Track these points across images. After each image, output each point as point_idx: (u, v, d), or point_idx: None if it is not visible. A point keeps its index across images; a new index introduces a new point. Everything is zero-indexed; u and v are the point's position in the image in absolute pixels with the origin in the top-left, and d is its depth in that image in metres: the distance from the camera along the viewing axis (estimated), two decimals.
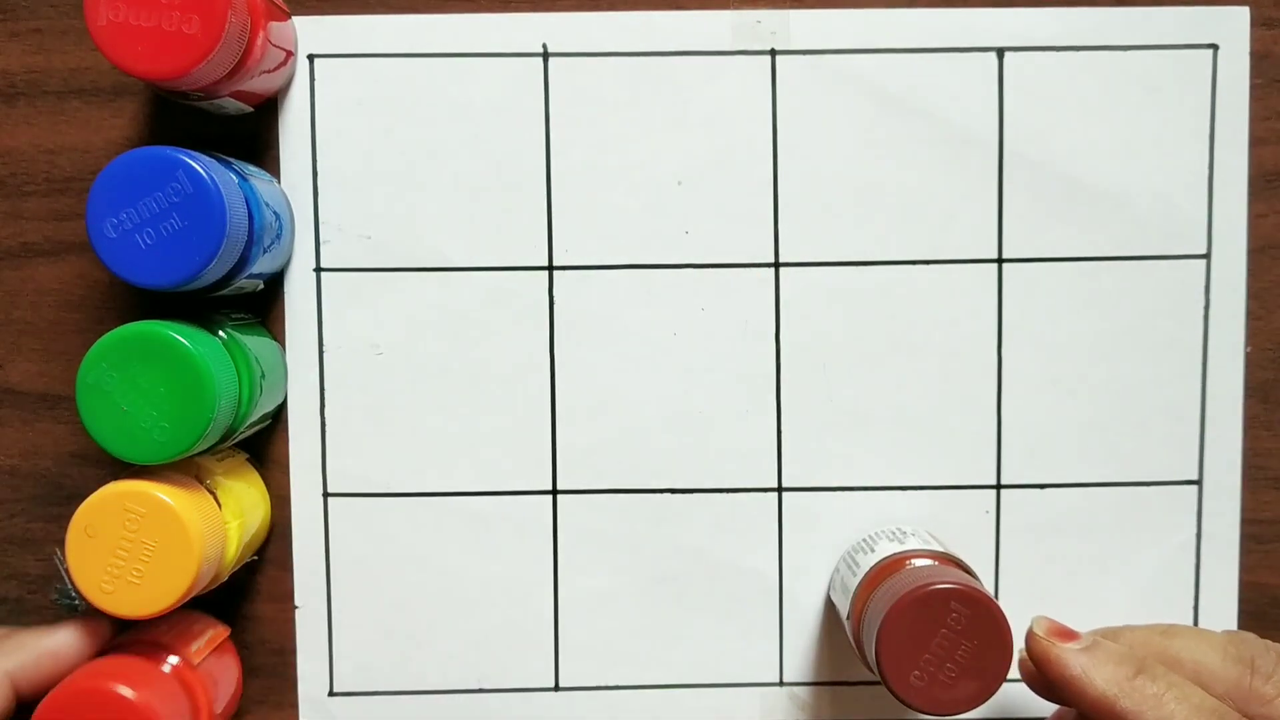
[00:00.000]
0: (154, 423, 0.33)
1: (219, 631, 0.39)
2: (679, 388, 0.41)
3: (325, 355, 0.41)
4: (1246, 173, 0.40)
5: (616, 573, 0.41)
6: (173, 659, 0.36)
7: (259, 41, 0.36)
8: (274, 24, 0.37)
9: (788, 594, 0.41)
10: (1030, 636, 0.35)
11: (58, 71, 0.40)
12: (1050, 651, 0.34)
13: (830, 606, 0.41)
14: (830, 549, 0.41)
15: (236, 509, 0.37)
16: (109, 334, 0.34)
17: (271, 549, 0.41)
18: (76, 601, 0.41)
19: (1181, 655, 0.35)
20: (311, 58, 0.40)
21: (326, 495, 0.41)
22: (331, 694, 0.41)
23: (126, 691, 0.34)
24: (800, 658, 0.41)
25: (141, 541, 0.34)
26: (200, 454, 0.37)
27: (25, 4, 0.40)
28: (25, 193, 0.40)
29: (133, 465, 0.35)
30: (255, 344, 0.38)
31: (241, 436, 0.38)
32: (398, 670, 0.41)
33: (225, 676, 0.39)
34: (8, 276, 0.40)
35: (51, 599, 0.41)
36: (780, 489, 0.41)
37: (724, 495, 0.41)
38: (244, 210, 0.35)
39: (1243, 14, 0.40)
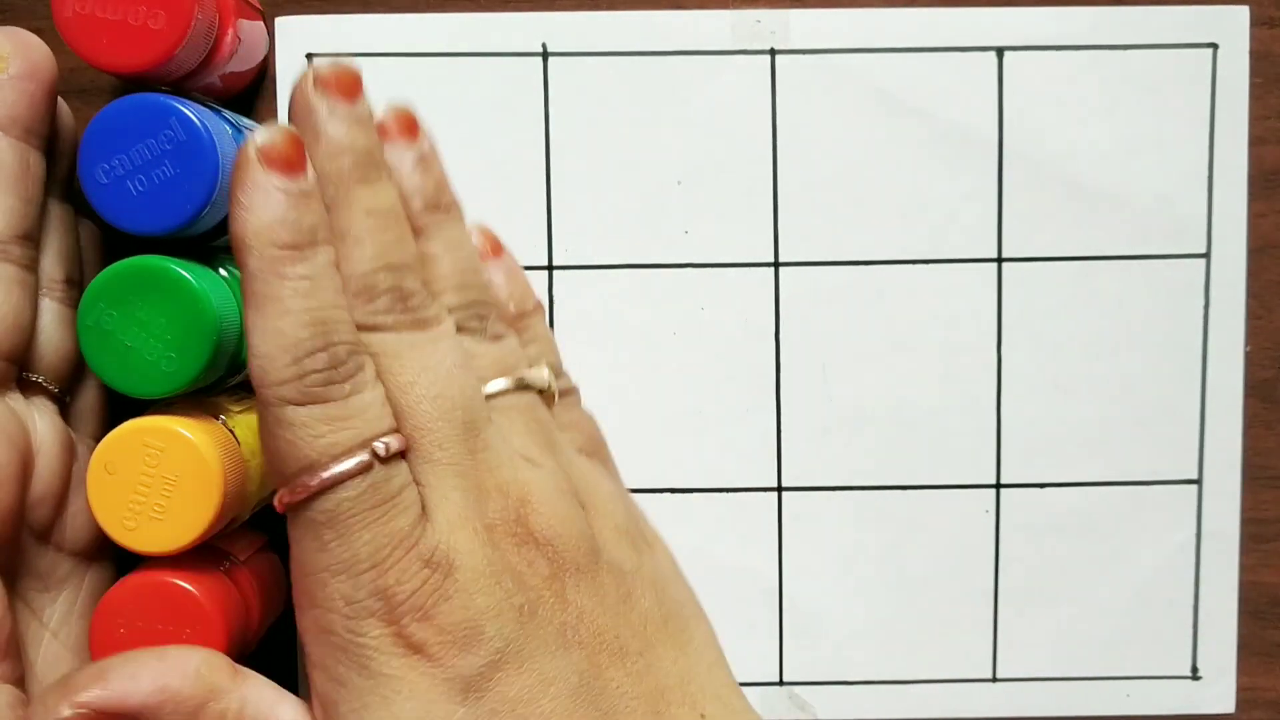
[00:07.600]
0: (160, 354, 0.33)
1: (257, 537, 0.40)
2: (679, 388, 0.41)
3: None
4: (1246, 172, 0.40)
5: None
6: (224, 561, 0.37)
7: (227, 39, 0.36)
8: (244, 21, 0.37)
9: (787, 594, 0.41)
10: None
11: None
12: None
13: (828, 604, 0.41)
14: (830, 549, 0.41)
15: (257, 447, 0.37)
16: (102, 273, 0.33)
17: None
18: None
19: None
20: (310, 57, 0.40)
21: None
22: None
23: (188, 585, 0.34)
24: (800, 658, 0.41)
25: (162, 476, 0.33)
26: (217, 394, 0.37)
27: (25, 4, 0.40)
28: None
29: (150, 404, 0.34)
30: None
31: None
32: None
33: (272, 577, 0.39)
34: None
35: None
36: (780, 489, 0.41)
37: (724, 495, 0.41)
38: None
39: (1242, 13, 0.40)
